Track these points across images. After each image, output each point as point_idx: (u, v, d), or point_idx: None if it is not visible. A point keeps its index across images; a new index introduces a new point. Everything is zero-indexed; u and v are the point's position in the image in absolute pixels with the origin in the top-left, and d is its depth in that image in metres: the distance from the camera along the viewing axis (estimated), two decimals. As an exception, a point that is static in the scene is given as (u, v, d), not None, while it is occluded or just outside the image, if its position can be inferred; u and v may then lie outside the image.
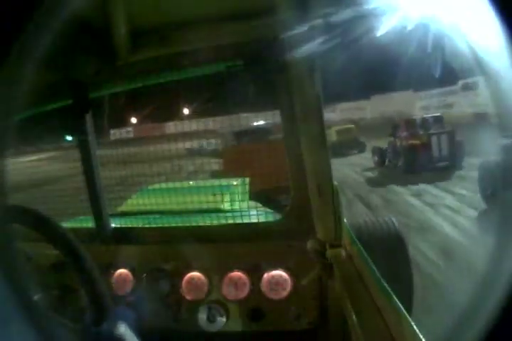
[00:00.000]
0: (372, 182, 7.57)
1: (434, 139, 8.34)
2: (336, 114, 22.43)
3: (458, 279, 2.56)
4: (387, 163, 9.22)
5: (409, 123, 9.19)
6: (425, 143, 8.30)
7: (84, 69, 1.05)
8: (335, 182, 1.03)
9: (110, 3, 0.86)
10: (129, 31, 0.96)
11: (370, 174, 8.71)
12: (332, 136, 11.58)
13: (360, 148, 11.88)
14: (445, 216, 4.57)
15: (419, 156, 8.09)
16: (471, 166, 6.28)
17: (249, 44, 0.97)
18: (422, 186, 6.35)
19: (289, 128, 1.02)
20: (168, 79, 1.12)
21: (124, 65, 1.03)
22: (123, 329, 0.61)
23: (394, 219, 2.26)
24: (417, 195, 5.84)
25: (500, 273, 0.30)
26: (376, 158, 9.60)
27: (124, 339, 0.60)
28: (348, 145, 11.64)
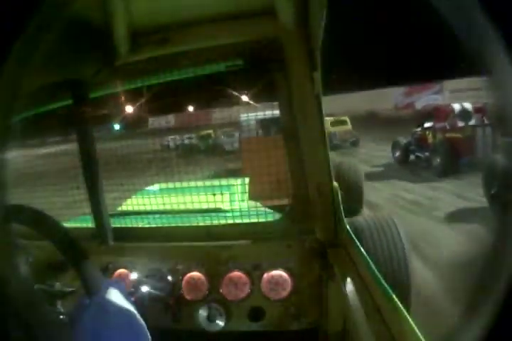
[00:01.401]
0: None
1: (479, 133, 6.49)
2: (443, 97, 15.17)
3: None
4: (412, 158, 7.66)
5: (446, 112, 7.30)
6: (469, 137, 6.51)
7: (84, 69, 1.05)
8: (334, 183, 1.03)
9: (110, 3, 0.86)
10: (129, 31, 0.96)
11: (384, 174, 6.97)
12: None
13: (354, 140, 11.51)
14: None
15: (461, 153, 6.37)
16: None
17: (249, 44, 0.97)
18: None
19: (288, 128, 1.02)
20: (168, 79, 1.12)
21: (124, 65, 1.03)
22: (115, 295, 0.62)
23: (394, 219, 2.26)
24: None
25: (500, 273, 0.30)
26: (397, 154, 8.08)
27: (117, 305, 0.61)
28: (343, 137, 11.39)
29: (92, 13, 0.85)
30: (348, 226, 1.01)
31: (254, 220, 1.15)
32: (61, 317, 0.72)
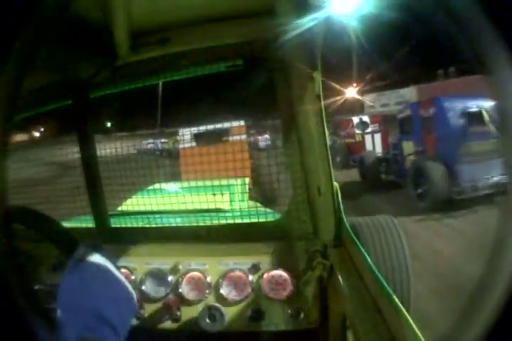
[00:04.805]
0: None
1: (367, 138, 9.44)
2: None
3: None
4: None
5: (348, 122, 10.11)
6: (359, 142, 9.52)
7: (84, 69, 1.05)
8: (335, 183, 1.03)
9: (110, 3, 0.86)
10: (129, 31, 0.96)
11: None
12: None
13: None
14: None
15: (352, 154, 9.32)
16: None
17: (249, 44, 0.97)
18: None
19: (288, 128, 1.02)
20: (168, 79, 1.12)
21: (124, 65, 1.03)
22: (96, 256, 0.62)
23: (394, 219, 2.27)
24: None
25: (500, 273, 0.30)
26: None
27: (97, 264, 0.61)
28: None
29: (92, 13, 0.85)
30: (348, 226, 1.01)
31: (254, 220, 1.15)
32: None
